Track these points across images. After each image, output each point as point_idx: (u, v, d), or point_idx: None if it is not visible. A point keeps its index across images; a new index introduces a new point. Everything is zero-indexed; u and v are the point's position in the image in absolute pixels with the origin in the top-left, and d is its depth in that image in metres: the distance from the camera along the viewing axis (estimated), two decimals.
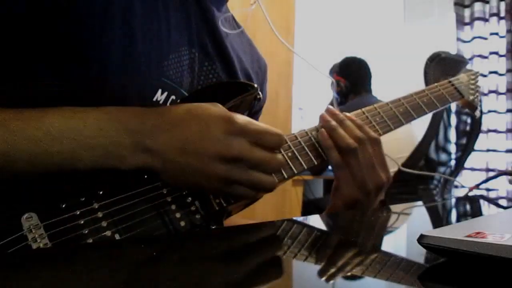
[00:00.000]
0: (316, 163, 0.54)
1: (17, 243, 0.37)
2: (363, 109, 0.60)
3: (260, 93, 0.50)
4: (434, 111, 0.67)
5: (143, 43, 0.45)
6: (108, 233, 0.40)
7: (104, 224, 0.40)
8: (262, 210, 1.60)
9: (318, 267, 0.30)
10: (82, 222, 0.40)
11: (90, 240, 0.39)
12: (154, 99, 0.46)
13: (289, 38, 1.97)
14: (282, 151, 0.50)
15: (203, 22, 0.53)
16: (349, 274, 0.28)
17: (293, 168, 0.51)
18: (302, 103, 2.64)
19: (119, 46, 0.43)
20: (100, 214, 0.41)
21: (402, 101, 0.63)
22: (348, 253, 0.34)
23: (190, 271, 0.27)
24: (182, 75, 0.49)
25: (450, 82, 0.72)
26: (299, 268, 0.30)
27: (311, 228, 0.46)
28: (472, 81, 0.75)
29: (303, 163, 0.52)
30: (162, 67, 0.47)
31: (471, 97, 0.74)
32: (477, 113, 0.78)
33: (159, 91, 0.46)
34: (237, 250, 0.34)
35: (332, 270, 0.29)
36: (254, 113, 0.65)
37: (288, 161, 0.51)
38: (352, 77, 2.08)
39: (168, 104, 0.48)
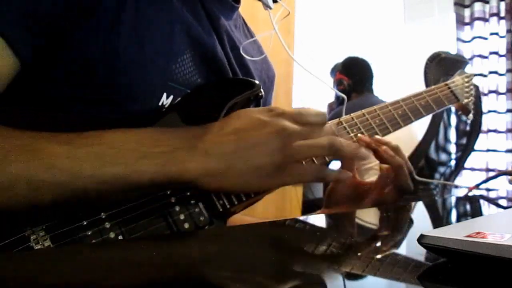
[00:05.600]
0: None
1: (19, 244, 0.38)
2: (363, 110, 0.60)
3: (262, 90, 0.50)
4: (431, 114, 0.67)
5: (150, 49, 0.45)
6: (111, 234, 0.40)
7: (107, 225, 0.40)
8: (262, 210, 1.60)
9: (317, 266, 0.30)
10: (85, 223, 0.40)
11: (93, 242, 0.39)
12: (160, 103, 0.46)
13: (289, 38, 1.97)
14: None
15: (211, 29, 0.53)
16: (349, 274, 0.28)
17: None
18: (302, 103, 2.64)
19: (127, 53, 0.43)
20: (103, 215, 0.41)
21: (401, 103, 0.63)
22: (348, 252, 0.34)
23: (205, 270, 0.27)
24: (190, 77, 0.49)
25: (446, 85, 0.72)
26: (297, 266, 0.30)
27: (311, 228, 0.46)
28: (466, 84, 0.75)
29: None
30: (170, 71, 0.47)
31: (465, 100, 0.74)
32: (470, 117, 0.78)
33: (164, 95, 0.47)
34: (241, 249, 0.34)
35: (332, 270, 0.29)
36: None
37: None
38: (356, 76, 2.09)
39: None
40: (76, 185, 0.38)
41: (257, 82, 0.51)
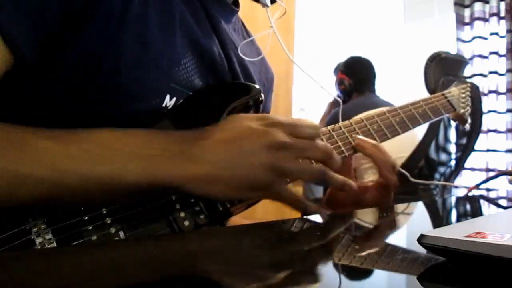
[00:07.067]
0: None
1: (21, 236, 0.38)
2: (361, 116, 0.61)
3: (262, 95, 0.50)
4: (428, 122, 0.69)
5: (154, 50, 0.45)
6: (112, 230, 0.41)
7: (108, 221, 0.41)
8: (262, 210, 1.60)
9: (316, 266, 0.30)
10: (86, 218, 0.40)
11: (94, 237, 0.40)
12: (164, 104, 0.46)
13: (289, 38, 1.97)
14: None
15: (212, 32, 0.53)
16: (348, 274, 0.28)
17: None
18: (303, 104, 2.64)
19: (131, 54, 0.43)
20: (104, 211, 0.41)
21: (398, 110, 0.65)
22: (348, 252, 0.34)
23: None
24: (193, 79, 0.49)
25: (443, 94, 0.74)
26: (296, 266, 0.30)
27: (310, 228, 0.46)
28: (463, 95, 0.77)
29: None
30: (172, 73, 0.47)
31: (462, 110, 0.76)
32: (467, 126, 0.80)
33: (167, 96, 0.47)
34: (243, 249, 0.34)
35: (332, 269, 0.29)
36: None
37: None
38: (356, 76, 2.09)
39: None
40: (62, 183, 0.38)
41: (257, 86, 0.51)
